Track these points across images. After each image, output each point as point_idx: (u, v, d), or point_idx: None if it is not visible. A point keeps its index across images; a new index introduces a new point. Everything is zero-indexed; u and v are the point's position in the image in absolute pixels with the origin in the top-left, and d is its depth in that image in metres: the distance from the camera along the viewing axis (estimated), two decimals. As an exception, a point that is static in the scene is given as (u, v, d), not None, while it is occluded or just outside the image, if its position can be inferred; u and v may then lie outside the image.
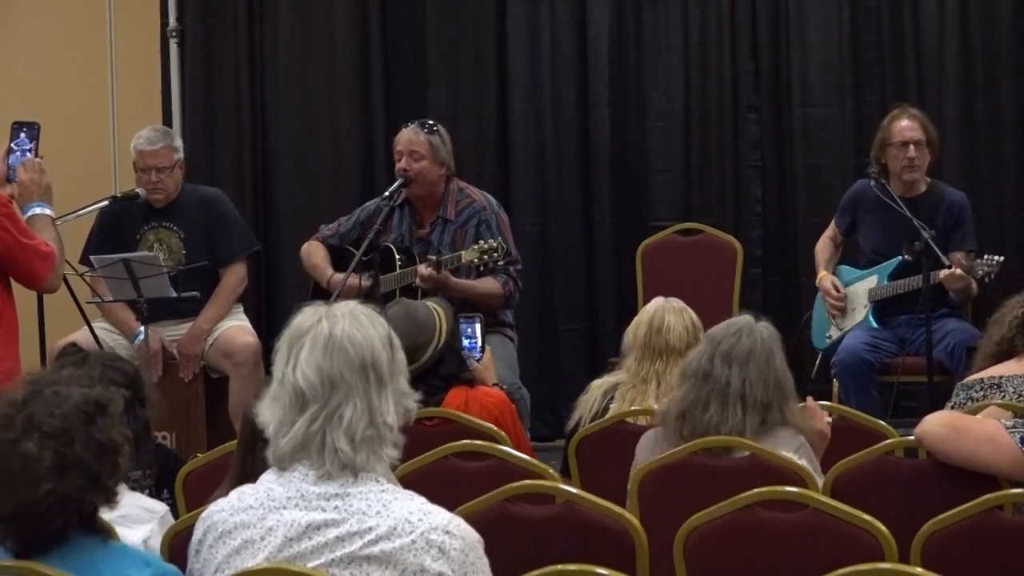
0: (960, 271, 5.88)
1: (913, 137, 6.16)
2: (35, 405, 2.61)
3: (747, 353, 3.84)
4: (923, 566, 3.08)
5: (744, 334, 3.88)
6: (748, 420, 3.80)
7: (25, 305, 5.01)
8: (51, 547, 2.62)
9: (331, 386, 2.56)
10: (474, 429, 4.18)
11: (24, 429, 2.58)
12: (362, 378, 2.57)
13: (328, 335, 2.58)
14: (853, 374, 6.03)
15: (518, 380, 5.91)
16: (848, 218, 6.40)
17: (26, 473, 2.57)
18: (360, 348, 2.58)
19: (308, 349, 2.58)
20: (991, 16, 7.05)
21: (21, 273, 4.58)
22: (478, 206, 6.02)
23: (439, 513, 2.56)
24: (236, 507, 2.62)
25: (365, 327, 2.61)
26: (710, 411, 3.81)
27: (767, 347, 3.87)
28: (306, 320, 2.63)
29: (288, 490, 2.58)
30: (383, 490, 2.57)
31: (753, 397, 3.81)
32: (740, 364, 3.83)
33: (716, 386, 3.82)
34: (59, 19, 7.68)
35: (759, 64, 7.24)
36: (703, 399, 3.83)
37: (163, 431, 6.02)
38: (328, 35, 7.55)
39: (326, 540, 2.54)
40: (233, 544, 2.59)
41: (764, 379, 3.83)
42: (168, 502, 3.77)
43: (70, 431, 2.60)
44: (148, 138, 6.20)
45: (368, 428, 2.56)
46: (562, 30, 7.37)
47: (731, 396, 3.81)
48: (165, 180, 6.16)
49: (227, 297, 6.26)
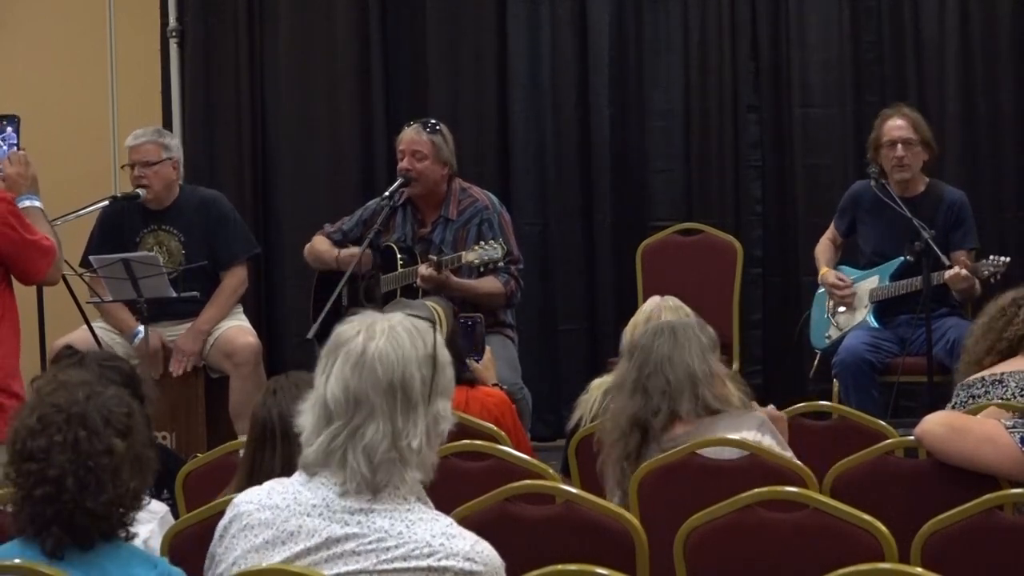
0: (965, 271, 5.86)
1: (901, 136, 6.14)
2: (98, 402, 2.61)
3: (667, 351, 3.89)
4: (923, 566, 3.08)
5: (655, 333, 3.95)
6: (683, 403, 3.85)
7: (25, 305, 5.02)
8: (93, 546, 2.61)
9: (355, 404, 2.50)
10: (474, 429, 4.18)
11: (100, 425, 2.58)
12: (388, 399, 2.50)
13: (360, 352, 2.52)
14: (854, 374, 6.03)
15: (520, 380, 5.91)
16: (847, 219, 6.40)
17: (114, 470, 2.57)
18: (391, 368, 2.51)
19: (340, 363, 2.52)
20: (991, 16, 7.05)
21: (22, 269, 4.60)
22: (480, 205, 6.02)
23: (462, 538, 2.51)
24: (264, 503, 2.60)
25: (402, 346, 2.53)
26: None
27: (683, 333, 3.93)
28: (347, 331, 2.56)
29: (315, 497, 2.55)
30: (408, 509, 2.53)
31: (679, 382, 3.86)
32: (661, 361, 3.88)
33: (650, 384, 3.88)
34: (59, 19, 7.68)
35: (759, 64, 7.24)
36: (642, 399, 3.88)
37: (163, 431, 6.02)
38: (328, 35, 7.55)
39: (342, 551, 2.52)
40: (255, 541, 2.58)
41: (685, 366, 3.87)
42: (168, 502, 3.77)
43: (133, 428, 2.62)
44: (134, 134, 6.24)
45: (389, 450, 2.50)
46: (562, 30, 7.37)
47: (662, 387, 3.87)
48: (149, 176, 6.14)
49: (227, 298, 6.26)
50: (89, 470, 2.57)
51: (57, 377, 2.73)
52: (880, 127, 6.21)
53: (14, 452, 2.62)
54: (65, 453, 2.57)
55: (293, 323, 7.33)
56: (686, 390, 3.84)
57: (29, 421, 2.62)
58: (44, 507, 2.59)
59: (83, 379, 2.69)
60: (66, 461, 2.57)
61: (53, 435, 2.58)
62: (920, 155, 6.18)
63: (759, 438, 3.79)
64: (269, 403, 3.22)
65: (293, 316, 7.35)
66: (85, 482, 2.57)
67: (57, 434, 2.58)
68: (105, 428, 2.59)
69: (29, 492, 2.59)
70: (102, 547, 2.63)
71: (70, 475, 2.56)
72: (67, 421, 2.59)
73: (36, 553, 2.60)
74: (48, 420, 2.60)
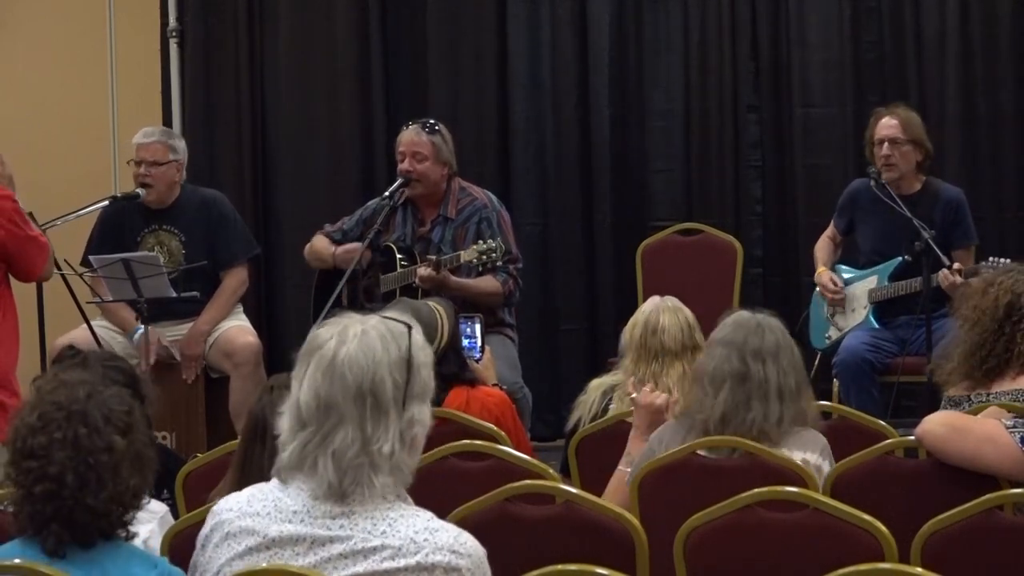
0: (960, 279, 5.79)
1: (888, 135, 6.11)
2: (98, 400, 2.61)
3: (775, 347, 3.87)
4: (923, 566, 3.08)
5: (766, 329, 3.90)
6: (785, 411, 3.83)
7: (25, 305, 5.03)
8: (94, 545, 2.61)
9: (326, 411, 2.50)
10: (474, 429, 4.18)
11: (101, 423, 2.58)
12: (358, 405, 2.49)
13: (331, 357, 2.51)
14: (855, 374, 6.03)
15: (520, 380, 5.92)
16: (846, 218, 6.39)
17: (114, 467, 2.57)
18: (360, 374, 2.50)
19: (313, 368, 2.53)
20: (991, 16, 7.05)
21: (23, 266, 4.60)
22: (479, 204, 6.02)
23: (445, 531, 2.52)
24: (245, 510, 2.60)
25: (374, 350, 2.52)
26: (752, 411, 3.81)
27: (787, 338, 3.92)
28: (321, 335, 2.56)
29: (295, 503, 2.55)
30: (389, 507, 2.53)
31: (788, 388, 3.84)
32: (772, 358, 3.85)
33: (755, 384, 3.83)
34: (59, 19, 7.68)
35: (759, 64, 7.24)
36: (743, 400, 3.83)
37: (163, 431, 6.02)
38: (328, 35, 7.55)
39: (330, 555, 2.52)
40: (237, 548, 2.57)
41: (794, 368, 3.87)
42: (168, 502, 3.77)
43: (133, 426, 2.62)
44: (144, 132, 6.26)
45: (358, 456, 2.49)
46: (562, 30, 7.37)
47: (771, 391, 3.83)
48: (154, 175, 6.15)
49: (227, 299, 6.26)
50: (89, 467, 2.57)
51: (58, 376, 2.74)
52: (873, 125, 6.21)
53: (15, 450, 2.63)
54: (65, 450, 2.57)
55: (293, 323, 7.33)
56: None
57: (30, 419, 2.62)
58: (44, 504, 2.59)
59: (83, 378, 2.69)
60: (66, 458, 2.57)
61: (53, 432, 2.58)
62: (910, 155, 6.14)
63: (820, 462, 3.81)
64: (264, 400, 3.23)
65: (293, 316, 7.35)
66: (85, 479, 2.57)
67: (57, 431, 2.58)
68: (105, 426, 2.59)
69: (29, 490, 2.59)
70: (102, 547, 2.63)
71: (70, 472, 2.56)
72: (67, 418, 2.59)
73: (36, 552, 2.60)
74: (48, 417, 2.60)
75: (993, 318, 4.08)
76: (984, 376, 4.05)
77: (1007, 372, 4.03)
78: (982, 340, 4.07)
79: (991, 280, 4.17)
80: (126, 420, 2.63)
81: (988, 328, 4.07)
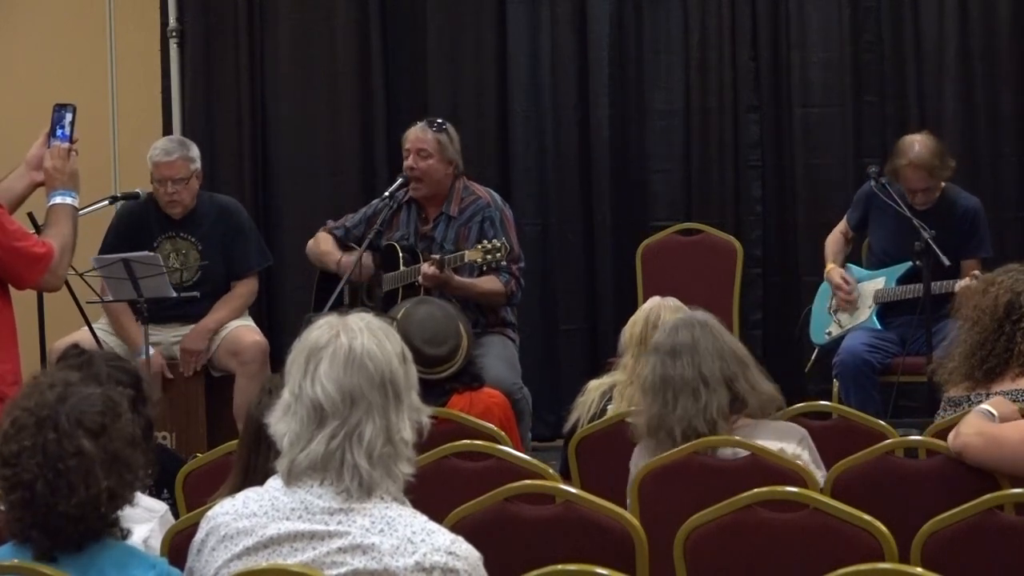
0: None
1: (920, 187, 6.08)
2: (70, 403, 2.59)
3: (690, 340, 3.87)
4: (923, 566, 3.08)
5: (680, 327, 3.92)
6: (716, 398, 3.82)
7: (25, 305, 5.00)
8: (83, 547, 2.60)
9: (351, 402, 2.53)
10: (474, 429, 4.18)
11: (70, 427, 2.56)
12: (381, 394, 2.55)
13: (348, 350, 2.56)
14: (855, 375, 6.02)
15: (520, 380, 5.91)
16: (859, 213, 6.37)
17: (85, 471, 2.55)
18: (379, 363, 2.56)
19: (328, 363, 2.55)
20: (991, 16, 7.05)
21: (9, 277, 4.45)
22: (482, 203, 6.02)
23: (441, 533, 2.54)
24: (240, 512, 2.61)
25: (383, 342, 2.59)
26: (679, 408, 3.82)
27: (706, 328, 3.91)
28: (323, 334, 2.60)
29: (293, 501, 2.56)
30: (387, 507, 2.55)
31: (713, 375, 3.83)
32: (689, 353, 3.85)
33: (677, 383, 3.84)
34: (59, 19, 7.68)
35: (759, 64, 7.24)
36: (670, 401, 3.84)
37: (163, 431, 6.02)
38: (328, 35, 7.55)
39: (328, 550, 2.53)
40: (234, 550, 2.58)
41: (717, 354, 3.85)
42: (168, 502, 3.76)
43: (109, 427, 2.60)
44: (164, 149, 6.18)
45: (385, 445, 2.54)
46: (562, 30, 7.37)
47: (696, 384, 3.83)
48: (181, 192, 6.14)
49: (237, 304, 6.30)
50: (59, 473, 2.55)
51: (35, 378, 2.72)
52: (898, 165, 6.07)
53: None
54: (35, 457, 2.55)
55: (293, 323, 7.31)
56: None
57: (5, 425, 2.61)
58: (22, 512, 2.59)
59: (58, 379, 2.65)
60: (35, 465, 2.55)
61: (24, 440, 2.57)
62: (939, 185, 6.14)
63: (799, 452, 3.80)
64: (264, 403, 3.22)
65: (294, 316, 7.34)
66: (55, 485, 2.55)
67: (28, 439, 2.56)
68: (76, 429, 2.56)
69: (7, 497, 2.59)
70: (96, 547, 2.62)
71: (40, 479, 2.55)
72: (37, 425, 2.57)
73: (28, 557, 2.60)
74: (20, 424, 2.59)
75: (993, 317, 4.08)
76: (984, 376, 4.06)
77: (1007, 372, 4.04)
78: (982, 340, 4.08)
79: (991, 280, 4.18)
80: (100, 421, 2.59)
81: (988, 327, 4.08)
